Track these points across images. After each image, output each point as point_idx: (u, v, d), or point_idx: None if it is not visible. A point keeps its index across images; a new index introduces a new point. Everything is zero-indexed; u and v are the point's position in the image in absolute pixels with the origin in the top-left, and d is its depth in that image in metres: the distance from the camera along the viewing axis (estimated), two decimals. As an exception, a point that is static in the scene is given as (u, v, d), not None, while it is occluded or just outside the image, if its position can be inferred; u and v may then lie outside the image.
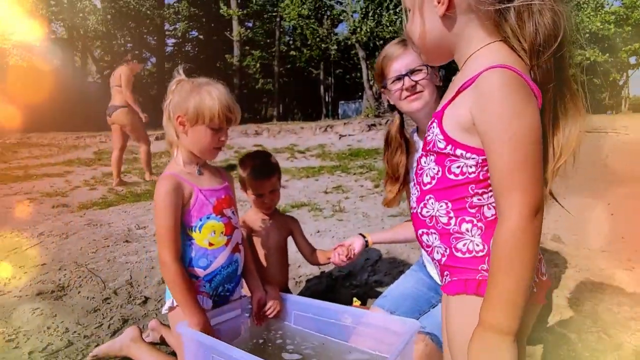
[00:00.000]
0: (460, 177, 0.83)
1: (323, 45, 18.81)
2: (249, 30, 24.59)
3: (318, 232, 3.02)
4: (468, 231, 0.85)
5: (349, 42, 15.88)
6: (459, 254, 0.86)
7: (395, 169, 1.62)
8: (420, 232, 0.93)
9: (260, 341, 1.55)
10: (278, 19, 23.40)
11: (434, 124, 0.85)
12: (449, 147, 0.83)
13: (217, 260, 1.44)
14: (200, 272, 1.42)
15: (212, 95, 1.35)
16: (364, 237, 1.80)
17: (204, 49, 28.06)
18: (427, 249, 0.93)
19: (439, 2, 0.80)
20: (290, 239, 1.96)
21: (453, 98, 0.82)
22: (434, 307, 1.62)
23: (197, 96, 1.35)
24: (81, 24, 21.57)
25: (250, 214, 1.88)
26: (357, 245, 1.77)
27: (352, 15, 14.69)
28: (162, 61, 27.49)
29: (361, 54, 14.93)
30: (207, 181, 1.45)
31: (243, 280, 1.61)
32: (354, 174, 5.86)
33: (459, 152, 0.81)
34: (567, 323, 1.86)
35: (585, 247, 2.87)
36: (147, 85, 26.55)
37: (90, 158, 8.83)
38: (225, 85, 1.43)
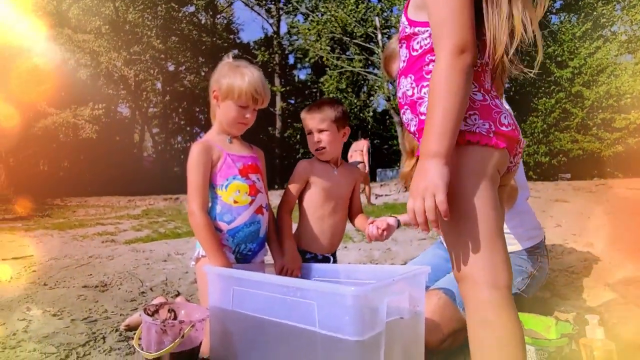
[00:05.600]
0: (420, 50, 0.99)
1: (361, 115, 19.77)
2: (290, 105, 26.37)
3: (345, 247, 3.09)
4: (426, 94, 0.97)
5: (384, 108, 16.59)
6: (422, 117, 0.99)
7: (412, 144, 1.75)
8: (401, 113, 1.07)
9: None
10: (318, 94, 25.09)
11: (402, 15, 1.03)
12: (410, 29, 1.00)
13: (240, 217, 1.58)
14: (224, 226, 1.57)
15: (243, 77, 1.57)
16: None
17: (249, 124, 30.06)
18: (407, 127, 1.05)
19: None
20: None
21: None
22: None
23: (232, 75, 1.58)
24: (142, 105, 24.15)
25: (310, 163, 1.74)
26: (390, 220, 1.77)
27: (387, 83, 15.61)
28: (211, 135, 29.69)
29: (397, 119, 15.56)
30: (236, 149, 1.65)
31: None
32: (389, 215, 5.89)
33: (417, 29, 0.98)
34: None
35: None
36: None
37: (138, 214, 9.44)
38: (261, 71, 1.65)
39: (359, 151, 8.22)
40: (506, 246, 0.94)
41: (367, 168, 8.27)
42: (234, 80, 1.57)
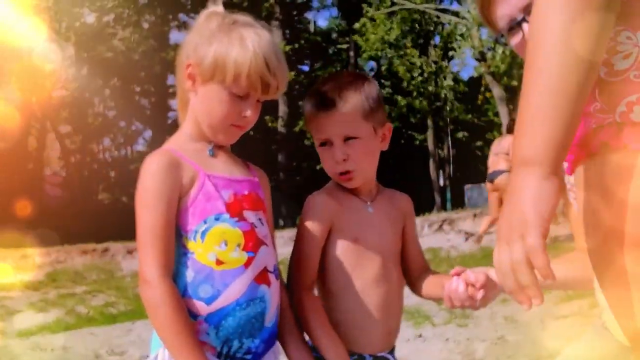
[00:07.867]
0: None
1: (430, 87, 19.79)
2: (302, 75, 26.63)
3: (420, 336, 3.06)
4: None
5: (475, 73, 16.52)
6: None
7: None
8: None
9: None
10: (352, 54, 25.34)
11: None
12: None
13: (229, 290, 1.57)
14: (201, 307, 1.56)
15: (244, 42, 1.57)
16: None
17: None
18: None
19: None
20: None
21: None
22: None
23: (225, 39, 1.58)
24: (42, 84, 24.86)
25: (330, 195, 1.80)
26: (492, 272, 1.67)
27: (477, 30, 15.55)
28: (163, 135, 30.33)
29: (496, 92, 15.42)
30: (221, 166, 1.66)
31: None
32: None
33: None
34: None
35: None
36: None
37: (40, 281, 9.64)
38: (271, 32, 1.69)
39: (503, 154, 8.69)
40: None
41: None
42: (229, 48, 1.57)
